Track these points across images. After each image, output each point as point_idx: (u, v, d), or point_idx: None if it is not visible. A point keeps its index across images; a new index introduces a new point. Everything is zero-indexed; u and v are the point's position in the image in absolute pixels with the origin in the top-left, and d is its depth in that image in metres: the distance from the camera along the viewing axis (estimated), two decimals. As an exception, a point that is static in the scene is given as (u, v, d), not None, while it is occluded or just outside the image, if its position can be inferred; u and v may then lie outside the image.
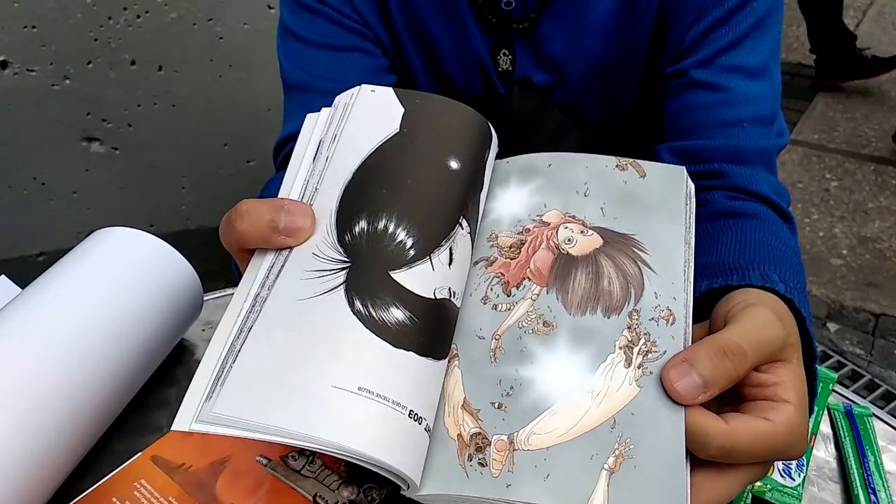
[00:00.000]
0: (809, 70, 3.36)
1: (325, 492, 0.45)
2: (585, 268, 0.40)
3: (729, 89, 0.67)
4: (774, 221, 0.63)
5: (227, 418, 0.32)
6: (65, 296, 0.48)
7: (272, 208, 0.37)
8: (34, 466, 0.42)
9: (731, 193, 0.65)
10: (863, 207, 2.48)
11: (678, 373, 0.35)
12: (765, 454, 0.35)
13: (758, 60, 0.68)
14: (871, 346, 1.95)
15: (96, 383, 0.47)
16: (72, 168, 1.49)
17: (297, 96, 0.74)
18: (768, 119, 0.68)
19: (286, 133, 0.74)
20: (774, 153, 0.68)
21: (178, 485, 0.45)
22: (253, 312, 0.35)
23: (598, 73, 0.75)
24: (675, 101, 0.71)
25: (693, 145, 0.69)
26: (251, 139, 1.70)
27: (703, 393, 0.34)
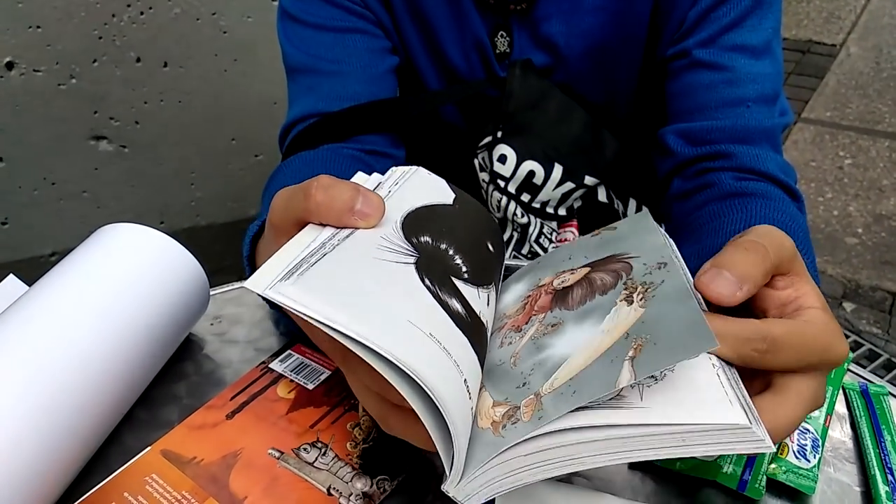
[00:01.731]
0: (820, 47, 3.32)
1: (338, 483, 0.45)
2: (579, 285, 0.43)
3: (732, 69, 0.67)
4: (781, 199, 0.63)
5: (301, 297, 0.32)
6: (71, 293, 0.48)
7: (353, 189, 0.38)
8: (46, 462, 0.42)
9: (738, 174, 0.64)
10: (877, 185, 2.45)
11: (709, 276, 0.36)
12: (810, 350, 0.36)
13: (760, 39, 0.68)
14: (889, 324, 1.93)
15: (104, 379, 0.47)
16: (81, 167, 1.50)
17: (301, 79, 0.74)
18: (772, 98, 0.68)
19: (292, 117, 0.74)
20: (779, 132, 0.68)
21: (191, 478, 0.45)
22: (328, 245, 0.36)
23: (596, 55, 0.75)
24: (678, 83, 0.71)
25: (698, 126, 0.68)
26: (258, 133, 1.69)
27: (739, 289, 0.35)
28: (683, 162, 0.69)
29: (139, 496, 0.44)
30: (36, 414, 0.41)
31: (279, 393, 0.51)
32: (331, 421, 0.49)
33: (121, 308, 0.49)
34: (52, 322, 0.46)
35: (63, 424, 0.43)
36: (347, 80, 0.72)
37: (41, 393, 0.42)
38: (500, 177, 0.78)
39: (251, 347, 0.60)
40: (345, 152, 0.70)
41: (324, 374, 0.52)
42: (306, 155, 0.69)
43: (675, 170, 0.71)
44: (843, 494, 0.47)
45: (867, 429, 0.51)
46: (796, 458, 0.48)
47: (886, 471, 0.48)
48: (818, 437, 0.50)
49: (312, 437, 0.48)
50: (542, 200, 0.79)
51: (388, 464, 0.46)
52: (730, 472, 0.47)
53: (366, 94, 0.72)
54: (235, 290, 0.66)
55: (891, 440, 0.50)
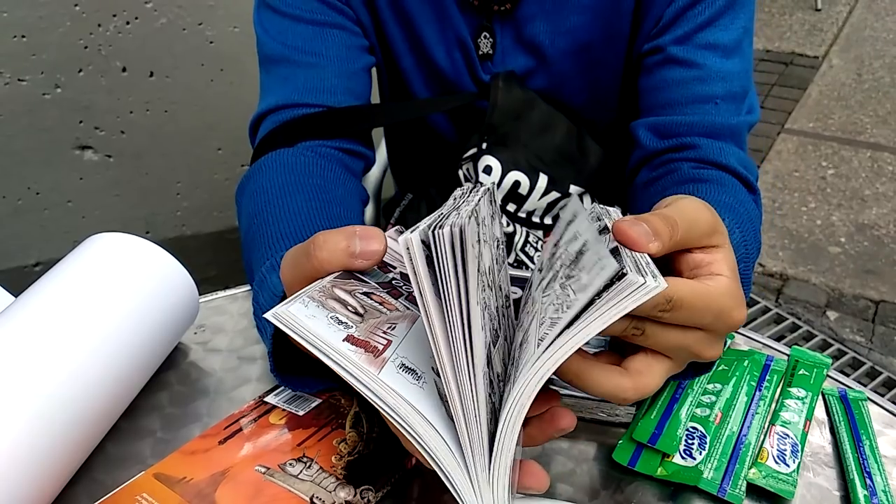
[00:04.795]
0: (802, 59, 3.36)
1: (321, 493, 0.45)
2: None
3: (703, 66, 0.69)
4: (735, 187, 0.66)
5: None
6: (60, 303, 0.48)
7: (347, 236, 0.40)
8: (32, 474, 0.42)
9: (698, 164, 0.67)
10: (860, 194, 2.48)
11: (628, 223, 0.37)
12: (708, 312, 0.38)
13: (731, 38, 0.70)
14: (872, 333, 1.95)
15: (93, 393, 0.46)
16: (66, 176, 1.49)
17: (276, 69, 0.74)
18: (740, 96, 0.70)
19: (265, 107, 0.73)
20: (745, 129, 0.71)
21: (179, 494, 0.45)
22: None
23: (581, 54, 0.75)
24: (651, 78, 0.73)
25: (667, 121, 0.70)
26: (245, 143, 1.67)
27: (650, 239, 0.37)
28: (652, 154, 0.71)
29: (127, 511, 0.44)
30: (22, 425, 0.41)
31: (271, 420, 0.51)
32: (318, 439, 0.49)
33: (110, 320, 0.49)
34: (38, 333, 0.45)
35: (50, 436, 0.43)
36: (324, 73, 0.72)
37: (27, 403, 0.42)
38: (485, 187, 0.78)
39: (234, 356, 0.60)
40: (324, 152, 0.70)
41: (315, 403, 0.53)
42: (284, 155, 0.68)
43: (642, 161, 0.73)
44: (823, 498, 0.48)
45: (846, 434, 0.52)
46: (776, 462, 0.49)
47: (865, 475, 0.48)
48: (798, 443, 0.50)
49: (299, 453, 0.48)
50: (528, 210, 0.80)
51: (373, 475, 0.46)
52: (710, 478, 0.48)
53: (342, 88, 0.72)
54: (219, 299, 0.66)
55: (869, 445, 0.51)
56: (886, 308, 2.02)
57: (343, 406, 0.52)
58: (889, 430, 0.53)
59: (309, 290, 0.38)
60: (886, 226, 2.32)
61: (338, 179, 0.67)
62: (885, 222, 2.34)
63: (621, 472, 0.49)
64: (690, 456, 0.49)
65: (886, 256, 2.20)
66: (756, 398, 0.54)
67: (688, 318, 0.38)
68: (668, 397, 0.53)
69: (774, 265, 2.19)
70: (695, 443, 0.50)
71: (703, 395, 0.54)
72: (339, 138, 0.71)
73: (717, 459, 0.49)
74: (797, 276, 2.15)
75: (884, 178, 2.56)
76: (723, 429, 0.51)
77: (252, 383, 0.57)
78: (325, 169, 0.67)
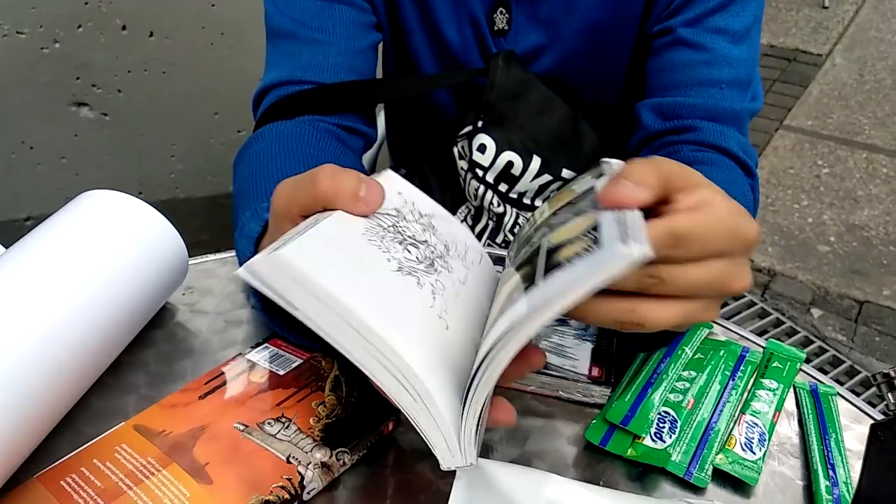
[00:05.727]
0: (806, 56, 3.36)
1: (297, 453, 0.46)
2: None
3: (712, 50, 0.70)
4: (733, 170, 0.67)
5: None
6: (49, 257, 0.48)
7: (356, 177, 0.41)
8: (18, 423, 0.42)
9: (698, 147, 0.68)
10: (852, 195, 2.50)
11: (612, 185, 0.35)
12: (720, 234, 0.35)
13: (741, 24, 0.70)
14: (854, 332, 1.98)
15: (79, 345, 0.47)
16: (60, 133, 1.49)
17: (282, 43, 0.74)
18: (745, 82, 0.71)
19: (269, 81, 0.73)
20: (747, 116, 0.72)
21: (157, 447, 0.46)
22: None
23: (592, 33, 0.76)
24: (658, 59, 0.74)
25: (671, 102, 0.71)
26: (242, 108, 1.67)
27: (637, 191, 0.34)
28: (652, 135, 0.72)
29: (107, 462, 0.45)
30: (9, 375, 0.42)
31: (251, 378, 0.52)
32: (297, 400, 0.50)
33: (98, 275, 0.49)
34: (27, 285, 0.46)
35: (36, 387, 0.43)
36: (329, 50, 0.72)
37: (15, 354, 0.43)
38: (479, 166, 0.79)
39: (221, 319, 0.60)
40: (321, 127, 0.70)
41: (296, 363, 0.53)
42: (282, 128, 0.69)
43: (644, 141, 0.74)
44: (786, 487, 0.49)
45: (813, 426, 0.53)
46: (743, 450, 0.50)
47: (828, 467, 0.50)
48: (766, 432, 0.52)
49: (277, 413, 0.49)
50: (519, 191, 0.81)
51: (350, 438, 0.48)
52: (678, 461, 0.49)
53: (346, 66, 0.72)
54: (208, 262, 0.67)
55: (835, 438, 0.52)
56: (870, 309, 2.04)
57: (323, 369, 0.53)
58: (856, 424, 0.55)
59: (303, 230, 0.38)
60: (876, 227, 2.34)
61: (334, 153, 0.68)
62: (875, 224, 2.35)
63: (593, 451, 0.51)
64: (661, 439, 0.50)
65: (874, 258, 2.22)
66: (729, 387, 0.55)
67: (703, 249, 0.35)
68: (644, 381, 0.54)
69: (763, 260, 2.20)
70: (665, 427, 0.51)
71: (677, 381, 0.55)
72: (339, 114, 0.71)
73: (686, 444, 0.50)
74: (785, 272, 2.17)
75: (877, 179, 2.57)
76: (694, 415, 0.52)
77: (237, 346, 0.58)
78: (321, 141, 0.68)
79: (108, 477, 0.44)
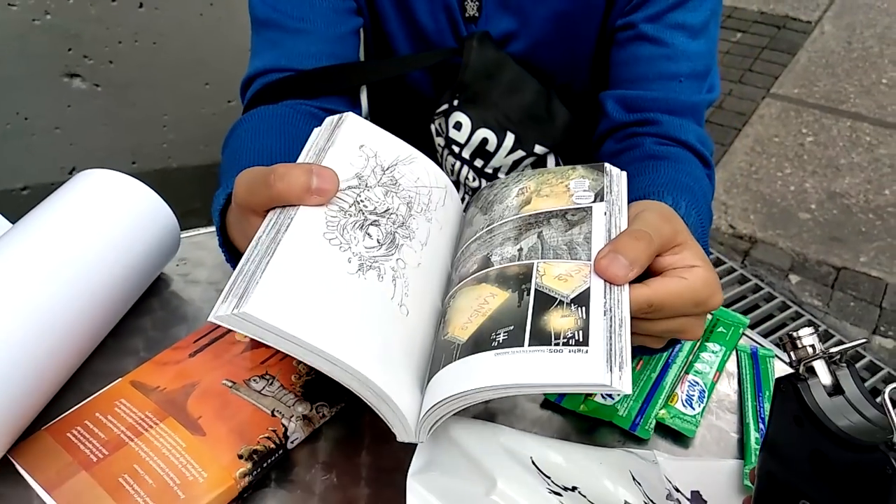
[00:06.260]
0: (795, 23, 3.37)
1: (281, 407, 0.51)
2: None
3: (671, 45, 0.74)
4: (692, 163, 0.72)
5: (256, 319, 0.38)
6: (51, 234, 0.53)
7: (306, 171, 0.44)
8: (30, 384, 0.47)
9: (659, 140, 0.73)
10: (835, 163, 2.54)
11: (608, 261, 0.43)
12: (688, 304, 0.44)
13: (699, 19, 0.75)
14: (829, 298, 2.04)
15: (82, 313, 0.52)
16: (54, 103, 1.51)
17: (265, 33, 0.77)
18: (703, 74, 0.76)
19: (254, 70, 0.77)
20: (704, 106, 0.77)
21: (154, 402, 0.51)
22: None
23: (560, 21, 0.80)
24: (622, 52, 0.78)
25: (634, 95, 0.76)
26: (232, 79, 1.69)
27: (630, 271, 0.42)
28: (617, 126, 0.77)
29: (109, 416, 0.50)
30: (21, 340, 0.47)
31: (237, 337, 0.57)
32: (279, 358, 0.55)
33: (97, 250, 0.54)
34: (35, 258, 0.51)
35: (45, 351, 0.48)
36: (311, 38, 0.76)
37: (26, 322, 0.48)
38: (455, 143, 0.83)
39: (212, 288, 0.65)
40: (302, 109, 0.74)
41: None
42: (265, 111, 0.72)
43: (609, 131, 0.79)
44: (720, 439, 0.55)
45: (750, 385, 0.59)
46: (683, 406, 0.56)
47: (759, 420, 0.55)
48: (705, 390, 0.57)
49: (262, 371, 0.54)
50: (494, 166, 0.85)
51: (328, 393, 0.53)
52: (624, 415, 0.55)
53: (328, 53, 0.76)
54: (200, 235, 0.72)
55: (768, 395, 0.58)
56: (846, 275, 2.10)
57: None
58: (788, 383, 0.60)
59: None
60: (857, 195, 2.39)
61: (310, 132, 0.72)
62: (856, 192, 2.40)
63: (549, 407, 0.56)
64: (610, 397, 0.56)
65: (853, 225, 2.27)
66: (675, 349, 0.60)
67: (669, 314, 0.44)
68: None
69: (745, 227, 2.26)
70: (616, 385, 0.56)
71: (629, 345, 0.60)
72: (321, 98, 0.75)
73: (633, 401, 0.56)
74: (765, 239, 2.22)
75: (860, 148, 2.62)
76: (642, 375, 0.58)
77: (227, 313, 0.62)
78: (301, 122, 0.71)
79: (111, 429, 0.49)
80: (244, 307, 0.37)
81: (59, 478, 0.46)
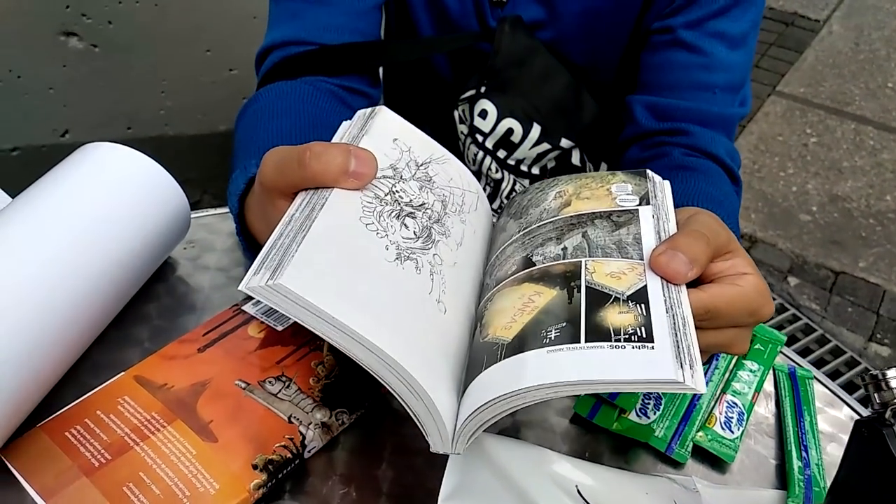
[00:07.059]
0: (804, 21, 3.34)
1: (299, 413, 0.48)
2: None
3: (710, 54, 0.71)
4: (721, 177, 0.69)
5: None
6: (54, 210, 0.49)
7: (344, 152, 0.41)
8: (24, 376, 0.43)
9: (689, 151, 0.70)
10: (838, 165, 2.52)
11: (667, 257, 0.40)
12: (742, 313, 0.42)
13: (740, 30, 0.71)
14: (827, 302, 2.03)
15: (84, 297, 0.48)
16: (48, 63, 1.45)
17: (286, 3, 0.73)
18: (737, 87, 0.73)
19: (271, 41, 0.72)
20: (736, 120, 0.75)
21: (161, 402, 0.47)
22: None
23: (590, 16, 0.76)
24: (656, 56, 0.74)
25: (666, 103, 0.73)
26: (235, 47, 1.65)
27: (690, 269, 0.40)
28: (645, 133, 0.74)
29: (111, 415, 0.46)
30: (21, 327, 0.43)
31: (250, 332, 0.53)
32: (296, 359, 0.51)
33: (104, 229, 0.50)
34: (34, 236, 0.46)
35: (45, 337, 0.44)
36: (333, 10, 0.71)
37: (27, 305, 0.43)
38: (480, 132, 0.79)
39: (223, 275, 0.61)
40: (323, 87, 0.70)
41: (293, 319, 0.54)
42: (284, 87, 0.68)
43: (635, 137, 0.75)
44: (760, 465, 0.52)
45: (789, 408, 0.56)
46: (722, 428, 0.53)
47: (802, 448, 0.53)
48: (744, 412, 0.54)
49: (278, 371, 0.50)
50: (518, 158, 0.81)
51: (348, 399, 0.49)
52: (660, 436, 0.51)
53: (349, 27, 0.72)
54: (209, 217, 0.67)
55: (809, 420, 0.55)
56: (845, 280, 2.09)
57: (322, 329, 0.54)
58: (829, 408, 0.58)
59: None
60: (858, 199, 2.37)
61: (333, 111, 0.68)
62: (857, 196, 2.39)
63: (580, 423, 0.53)
64: (645, 415, 0.53)
65: (853, 230, 2.26)
66: (712, 367, 0.57)
67: (724, 323, 0.42)
68: (632, 358, 0.56)
69: (745, 227, 2.24)
70: (651, 403, 0.53)
71: (664, 359, 0.57)
72: (341, 75, 0.71)
73: (670, 420, 0.53)
74: (766, 239, 2.20)
75: (864, 151, 2.60)
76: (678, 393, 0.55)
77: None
78: (320, 100, 0.67)
79: (114, 430, 0.45)
80: (279, 279, 0.35)
81: (57, 483, 0.42)
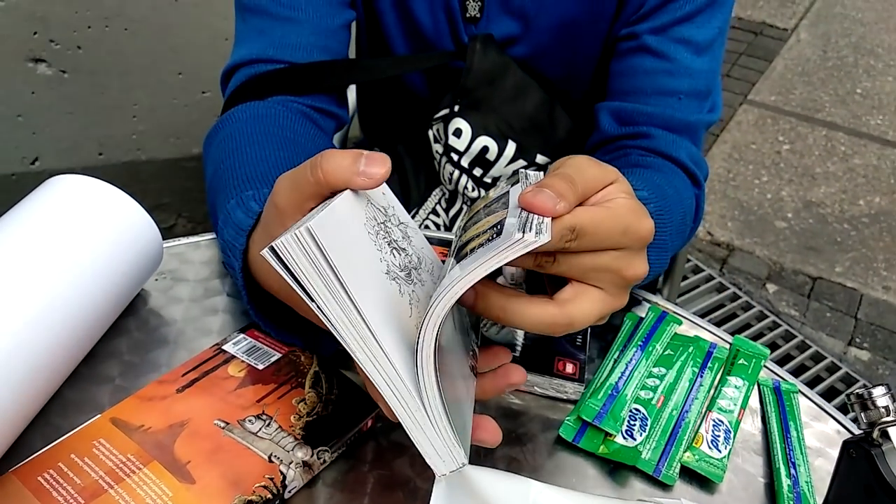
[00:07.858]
0: (772, 30, 3.39)
1: (279, 452, 0.46)
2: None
3: (674, 60, 0.71)
4: (676, 175, 0.69)
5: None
6: (21, 246, 0.47)
7: (354, 153, 0.41)
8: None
9: (648, 153, 0.70)
10: (811, 172, 2.56)
11: (532, 193, 0.38)
12: (613, 232, 0.40)
13: (706, 36, 0.71)
14: (806, 308, 2.04)
15: (55, 337, 0.46)
16: (17, 90, 1.43)
17: (252, 19, 0.72)
18: (703, 94, 0.72)
19: (238, 59, 0.71)
20: (703, 127, 0.74)
21: (137, 443, 0.45)
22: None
23: (564, 28, 0.76)
24: (622, 63, 0.74)
25: (630, 108, 0.72)
26: (207, 69, 1.64)
27: (557, 203, 0.38)
28: (608, 138, 0.74)
29: (86, 458, 0.44)
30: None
31: (230, 371, 0.52)
32: (277, 396, 0.50)
33: (74, 266, 0.48)
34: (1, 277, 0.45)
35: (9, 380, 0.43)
36: (301, 28, 0.71)
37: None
38: (455, 150, 0.78)
39: (196, 306, 0.60)
40: (294, 107, 0.69)
41: (274, 357, 0.53)
42: (255, 109, 0.67)
43: (600, 143, 0.75)
44: (748, 484, 0.52)
45: (776, 424, 0.55)
46: (709, 448, 0.52)
47: (790, 465, 0.52)
48: (731, 430, 0.54)
49: (258, 410, 0.49)
50: (494, 176, 0.81)
51: (329, 436, 0.48)
52: (648, 459, 0.51)
53: (318, 46, 0.71)
54: (181, 246, 0.66)
55: (796, 436, 0.54)
56: (822, 285, 2.11)
57: (303, 364, 0.53)
58: (816, 422, 0.57)
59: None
60: (832, 205, 2.40)
61: (308, 134, 0.67)
62: (831, 201, 2.42)
63: (565, 447, 0.52)
64: (631, 436, 0.52)
65: (829, 235, 2.28)
66: (697, 384, 0.57)
67: (596, 242, 0.40)
68: (616, 378, 0.55)
69: (722, 235, 2.25)
70: (636, 424, 0.53)
71: (647, 378, 0.56)
72: (310, 95, 0.70)
73: (656, 441, 0.52)
74: (743, 247, 2.22)
75: (835, 157, 2.64)
76: (663, 412, 0.54)
77: (213, 335, 0.57)
78: (295, 123, 0.66)
79: (88, 474, 0.44)
80: (310, 223, 0.34)
81: (27, 532, 0.41)
